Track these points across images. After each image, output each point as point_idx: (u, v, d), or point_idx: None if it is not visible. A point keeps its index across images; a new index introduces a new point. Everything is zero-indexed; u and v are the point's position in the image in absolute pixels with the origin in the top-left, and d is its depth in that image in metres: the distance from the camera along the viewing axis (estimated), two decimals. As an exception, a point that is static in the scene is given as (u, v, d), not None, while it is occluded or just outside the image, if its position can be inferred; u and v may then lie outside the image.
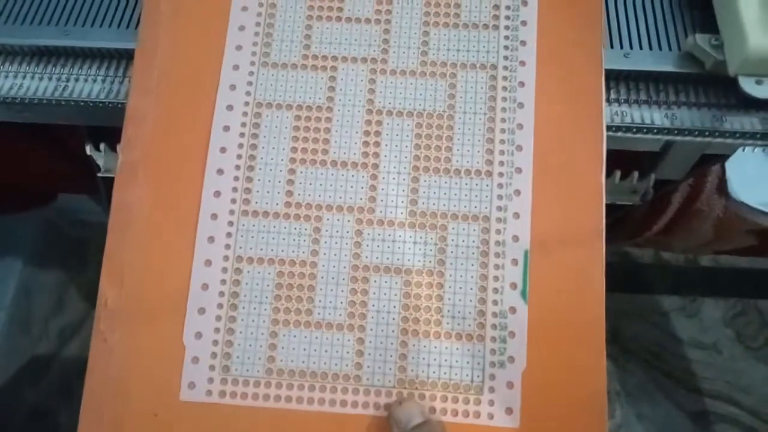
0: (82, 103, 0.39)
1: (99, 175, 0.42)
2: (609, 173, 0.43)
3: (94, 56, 0.40)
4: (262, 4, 0.37)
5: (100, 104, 0.39)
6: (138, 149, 0.35)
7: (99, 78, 0.40)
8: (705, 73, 0.37)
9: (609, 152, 0.40)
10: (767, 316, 1.02)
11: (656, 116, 0.37)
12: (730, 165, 0.38)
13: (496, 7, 0.36)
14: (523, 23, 0.36)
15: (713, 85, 0.38)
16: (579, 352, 0.31)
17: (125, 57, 0.39)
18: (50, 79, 0.40)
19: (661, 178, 0.44)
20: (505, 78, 0.35)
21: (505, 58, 0.35)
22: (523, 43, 0.35)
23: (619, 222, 0.77)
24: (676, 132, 0.37)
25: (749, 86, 0.35)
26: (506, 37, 0.36)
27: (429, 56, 0.36)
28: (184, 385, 0.31)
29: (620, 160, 0.44)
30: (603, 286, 0.32)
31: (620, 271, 1.04)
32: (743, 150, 0.37)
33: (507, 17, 0.36)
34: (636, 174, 0.42)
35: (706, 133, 0.37)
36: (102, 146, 0.42)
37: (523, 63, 0.35)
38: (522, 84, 0.35)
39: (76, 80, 0.40)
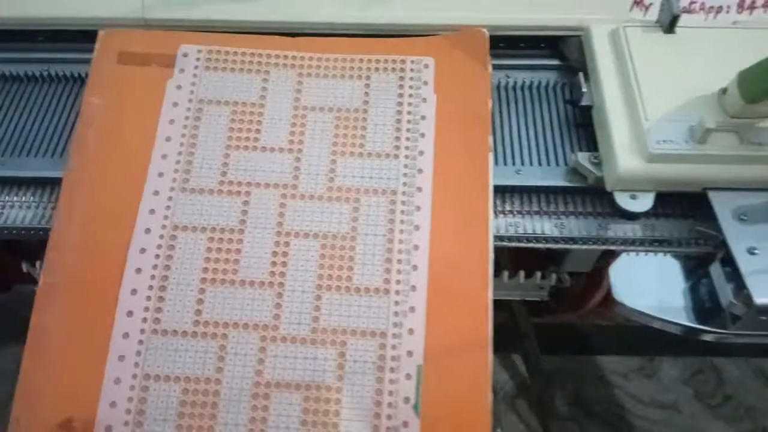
0: (15, 231, 0.41)
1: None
2: (513, 274, 0.46)
3: (28, 184, 0.43)
4: (184, 135, 0.40)
5: (32, 230, 0.41)
6: (58, 273, 0.37)
7: (33, 205, 0.42)
8: (589, 186, 0.41)
9: (519, 252, 0.43)
10: (724, 373, 1.04)
11: (546, 226, 0.40)
12: (614, 270, 0.40)
13: (398, 138, 0.40)
14: (421, 153, 0.39)
15: (598, 196, 0.41)
16: None
17: (57, 184, 0.42)
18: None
19: (570, 271, 0.47)
20: (403, 202, 0.38)
21: (404, 184, 0.39)
22: (420, 170, 0.39)
23: (560, 297, 0.79)
24: (564, 241, 0.40)
25: (624, 201, 0.39)
26: (405, 165, 0.39)
27: (335, 182, 0.39)
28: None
29: (532, 259, 0.47)
30: (490, 392, 0.34)
31: (579, 333, 1.06)
32: (627, 255, 0.40)
33: (407, 147, 0.40)
34: (538, 274, 0.45)
35: (592, 242, 0.40)
36: (37, 263, 0.45)
37: (419, 189, 0.38)
38: (418, 208, 0.38)
39: (11, 207, 0.42)
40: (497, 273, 0.46)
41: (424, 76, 0.41)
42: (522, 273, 0.45)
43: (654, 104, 0.40)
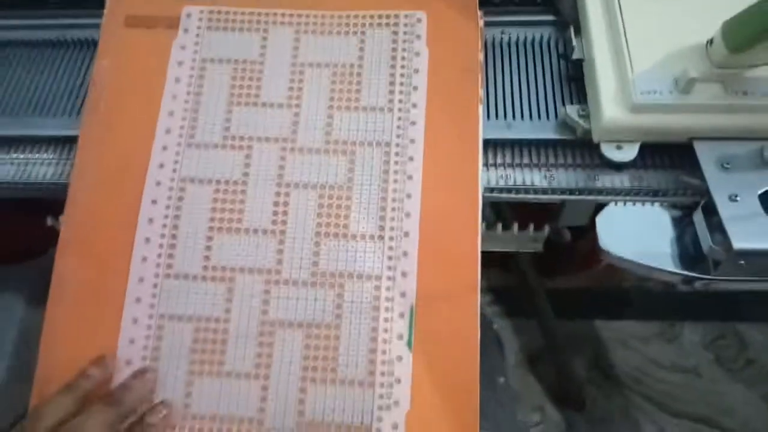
0: (36, 186, 0.44)
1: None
2: (508, 226, 0.48)
3: (48, 142, 0.46)
4: (189, 92, 0.42)
5: (54, 185, 0.44)
6: (77, 225, 0.40)
7: (53, 161, 0.45)
8: (577, 139, 0.42)
9: (517, 206, 0.45)
10: (746, 338, 1.04)
11: (536, 178, 0.42)
12: (600, 220, 0.41)
13: (392, 92, 0.42)
14: (414, 105, 0.41)
15: (587, 149, 0.43)
16: (456, 395, 0.36)
17: (74, 142, 0.44)
18: (11, 164, 0.45)
19: (567, 225, 0.49)
20: (397, 153, 0.40)
21: (398, 136, 0.41)
22: (413, 123, 0.41)
23: (567, 258, 0.81)
24: (552, 192, 0.42)
25: (610, 152, 0.41)
26: (399, 118, 0.41)
27: (332, 135, 0.41)
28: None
29: (529, 211, 0.49)
30: (477, 332, 0.37)
31: (600, 297, 1.07)
32: (615, 204, 0.42)
33: (400, 100, 0.41)
34: (531, 226, 0.47)
35: (579, 192, 0.41)
36: (60, 218, 0.48)
37: (412, 140, 0.40)
38: (411, 158, 0.40)
39: (33, 164, 0.45)
40: (492, 226, 0.48)
41: (417, 30, 0.43)
42: (516, 225, 0.47)
43: (641, 56, 0.40)
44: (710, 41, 0.39)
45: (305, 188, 0.40)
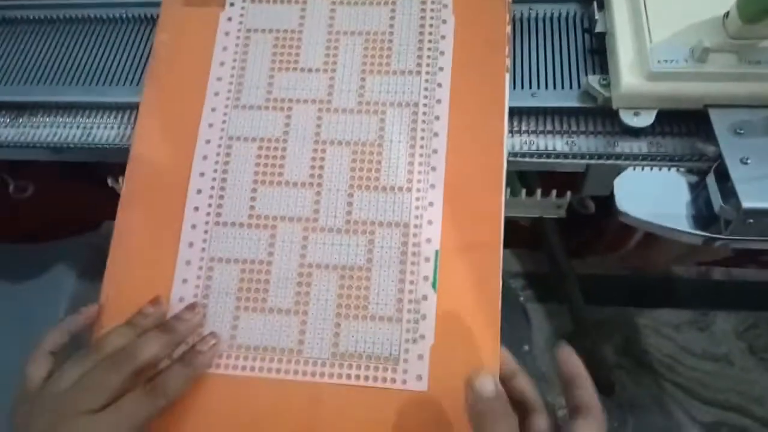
0: (101, 147, 0.49)
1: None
2: (531, 192, 0.51)
3: (111, 108, 0.51)
4: (235, 60, 0.47)
5: (116, 147, 0.49)
6: (137, 180, 0.44)
7: (115, 125, 0.50)
8: (598, 107, 0.45)
9: (543, 173, 0.48)
10: None
11: (558, 144, 0.45)
12: (618, 182, 0.44)
13: (420, 57, 0.45)
14: (440, 69, 0.45)
15: (608, 116, 0.45)
16: (477, 333, 0.39)
17: (135, 108, 0.49)
18: (78, 127, 0.51)
19: (591, 194, 0.51)
20: (424, 113, 0.44)
21: (425, 97, 0.44)
22: (440, 85, 0.44)
23: (597, 236, 0.83)
24: (573, 156, 0.44)
25: (628, 118, 0.43)
26: (426, 81, 0.44)
27: (365, 97, 0.45)
28: (165, 357, 0.40)
29: (555, 181, 0.52)
30: (499, 280, 0.40)
31: (633, 285, 1.08)
32: (633, 170, 0.44)
33: (428, 64, 0.45)
34: (554, 192, 0.50)
35: (598, 157, 0.44)
36: (120, 179, 0.53)
37: (439, 101, 0.44)
38: (437, 117, 0.43)
39: (98, 128, 0.50)
40: (516, 192, 0.50)
41: (444, 0, 0.46)
42: (539, 191, 0.50)
43: (660, 27, 0.43)
44: (726, 14, 0.41)
45: (339, 145, 0.44)
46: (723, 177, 0.40)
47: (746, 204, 0.37)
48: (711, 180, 0.41)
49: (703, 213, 0.42)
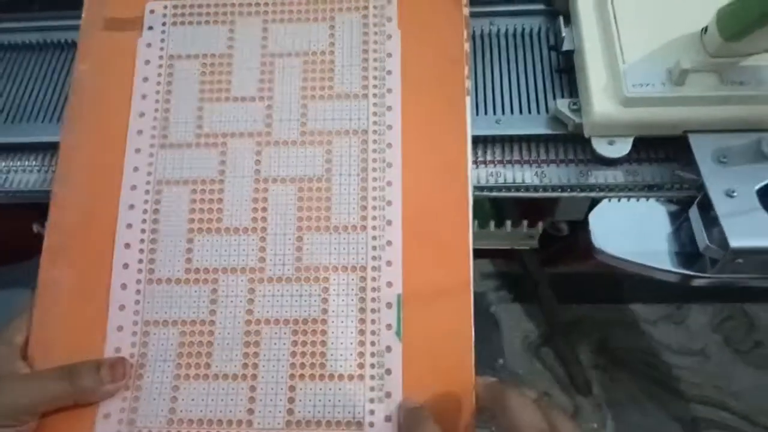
0: (19, 195, 0.44)
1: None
2: (500, 223, 0.47)
3: (31, 149, 0.45)
4: (158, 91, 0.41)
5: (36, 193, 0.43)
6: (59, 232, 0.39)
7: (35, 169, 0.45)
8: (569, 134, 0.41)
9: (511, 202, 0.43)
10: (755, 319, 1.03)
11: (527, 175, 0.41)
12: (593, 217, 0.40)
13: (365, 77, 0.41)
14: (389, 90, 0.40)
15: (579, 143, 0.41)
16: (450, 387, 0.35)
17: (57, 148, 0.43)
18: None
19: (563, 219, 0.47)
20: (374, 141, 0.39)
21: (374, 123, 0.40)
22: (390, 108, 0.40)
23: (568, 250, 0.80)
24: (544, 189, 0.40)
25: (602, 147, 0.39)
26: (374, 104, 0.40)
27: (307, 126, 0.40)
28: (97, 441, 0.35)
29: (524, 207, 0.48)
30: (471, 326, 0.36)
31: (607, 281, 1.06)
32: (609, 201, 0.40)
33: (374, 86, 0.40)
34: (525, 222, 0.46)
35: (571, 189, 0.40)
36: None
37: (390, 126, 0.40)
38: (389, 145, 0.39)
39: (15, 172, 0.45)
40: (485, 224, 0.46)
41: (387, 12, 0.42)
42: (508, 223, 0.46)
43: (633, 46, 0.39)
44: (705, 29, 0.37)
45: (283, 182, 0.39)
46: (707, 211, 0.36)
47: (734, 243, 0.34)
48: (694, 215, 0.37)
49: (686, 248, 0.38)
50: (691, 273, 0.37)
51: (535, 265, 0.93)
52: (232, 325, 0.37)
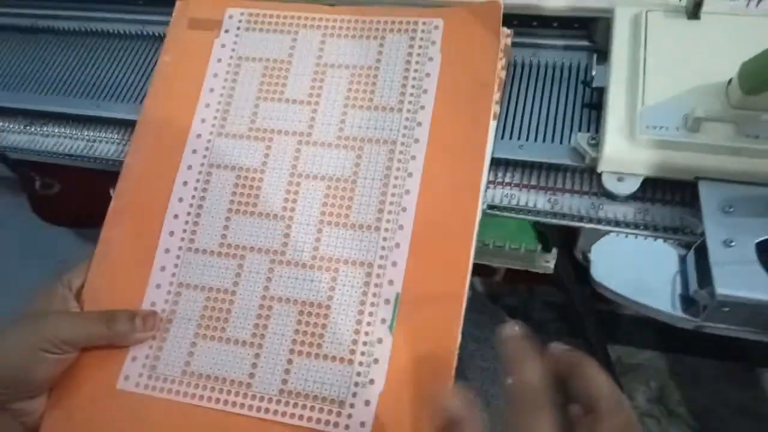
0: (102, 160, 0.52)
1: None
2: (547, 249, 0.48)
3: (115, 124, 0.52)
4: (224, 87, 0.47)
5: (114, 161, 0.51)
6: (124, 198, 0.46)
7: (115, 141, 0.52)
8: (586, 166, 0.42)
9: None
10: None
11: (540, 200, 0.43)
12: (596, 250, 0.40)
13: (402, 93, 0.44)
14: (422, 107, 0.44)
15: (596, 177, 0.42)
16: (430, 382, 0.38)
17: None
18: (83, 140, 0.53)
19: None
20: (401, 152, 0.43)
21: (403, 135, 0.43)
22: (420, 123, 0.43)
23: None
24: (553, 216, 0.42)
25: (611, 183, 0.40)
26: (407, 119, 0.44)
27: (344, 131, 0.44)
28: (121, 378, 0.41)
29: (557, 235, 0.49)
30: (458, 333, 0.38)
31: (675, 331, 1.03)
32: (617, 236, 0.41)
33: (409, 102, 0.44)
34: (539, 246, 0.48)
35: (579, 219, 0.41)
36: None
37: (417, 140, 0.43)
38: (413, 157, 0.43)
39: (101, 142, 0.52)
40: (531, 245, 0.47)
41: (433, 37, 0.45)
42: (523, 245, 0.47)
43: (655, 90, 0.40)
44: (730, 81, 0.38)
45: (315, 179, 0.44)
46: (703, 257, 0.36)
47: (721, 291, 0.34)
48: (690, 259, 0.38)
49: (683, 292, 0.38)
50: (682, 316, 0.37)
51: (582, 298, 0.92)
52: (249, 298, 0.42)
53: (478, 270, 0.42)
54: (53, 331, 0.39)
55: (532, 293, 1.15)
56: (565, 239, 0.48)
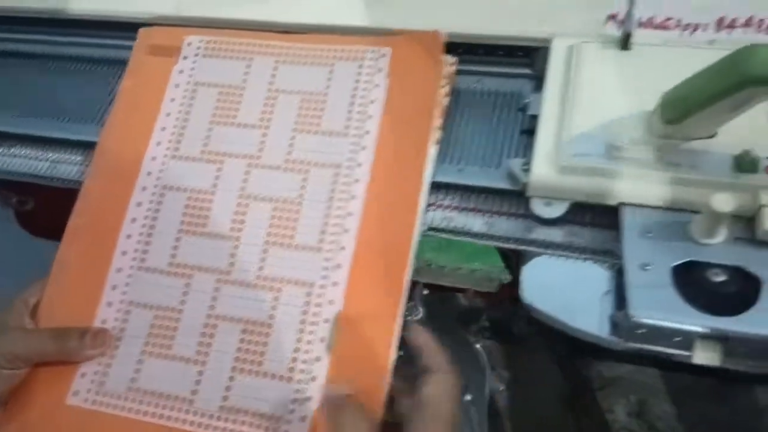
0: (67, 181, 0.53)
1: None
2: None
3: (77, 146, 0.54)
4: (180, 111, 0.49)
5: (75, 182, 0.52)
6: (81, 218, 0.47)
7: (78, 163, 0.53)
8: (520, 190, 0.43)
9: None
10: None
11: (477, 223, 0.44)
12: (525, 271, 0.41)
13: (349, 119, 0.46)
14: (366, 132, 0.45)
15: (528, 200, 0.43)
16: (364, 400, 0.39)
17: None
18: (45, 161, 0.54)
19: None
20: (345, 175, 0.44)
21: (348, 159, 0.45)
22: (364, 148, 0.45)
23: None
24: (489, 238, 0.43)
25: (539, 207, 0.42)
26: (352, 143, 0.45)
27: (292, 155, 0.46)
28: (71, 394, 0.42)
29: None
30: (390, 353, 0.39)
31: None
32: (549, 258, 0.42)
33: (355, 127, 0.46)
34: (497, 267, 0.49)
35: (512, 242, 0.43)
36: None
37: (360, 164, 0.45)
38: (357, 180, 0.44)
39: (62, 164, 0.54)
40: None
41: (380, 64, 0.47)
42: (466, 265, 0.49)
43: (583, 119, 0.41)
44: (654, 110, 0.40)
45: (262, 201, 0.45)
46: (622, 280, 0.37)
47: (634, 313, 0.35)
48: (612, 282, 0.39)
49: (608, 313, 0.38)
50: (609, 337, 0.38)
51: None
52: (195, 316, 0.43)
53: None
54: (7, 347, 0.41)
55: (515, 307, 1.16)
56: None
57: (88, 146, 0.54)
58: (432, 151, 0.44)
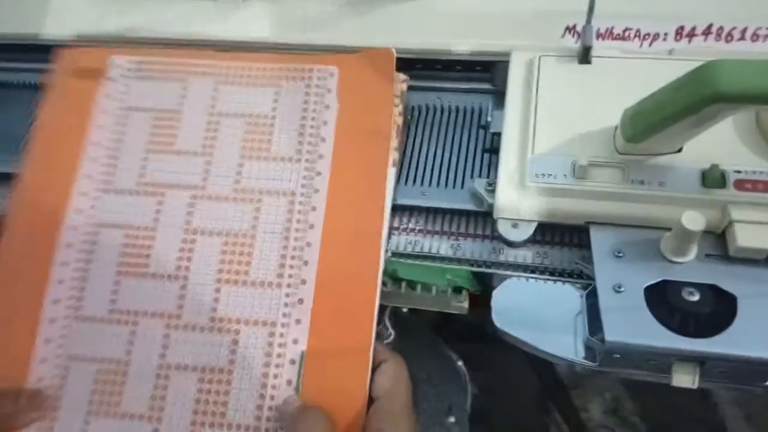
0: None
1: None
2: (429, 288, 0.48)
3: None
4: (110, 139, 0.44)
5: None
6: (7, 257, 0.42)
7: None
8: (486, 211, 0.42)
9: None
10: None
11: (443, 246, 0.42)
12: (496, 294, 0.40)
13: (300, 142, 0.43)
14: (320, 156, 0.43)
15: (494, 221, 0.41)
16: None
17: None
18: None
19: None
20: (301, 203, 0.42)
21: (303, 186, 0.42)
22: (319, 173, 0.42)
23: None
24: (457, 261, 0.42)
25: (505, 229, 0.40)
26: (306, 168, 0.43)
27: (241, 184, 0.43)
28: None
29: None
30: (365, 389, 0.37)
31: None
32: (518, 280, 0.40)
33: (308, 151, 0.43)
34: (449, 289, 0.47)
35: (480, 264, 0.41)
36: None
37: (317, 190, 0.42)
38: (314, 208, 0.41)
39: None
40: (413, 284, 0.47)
41: (329, 84, 0.44)
42: (435, 288, 0.47)
43: (546, 137, 0.40)
44: (617, 127, 0.39)
45: (210, 235, 0.42)
46: (594, 303, 0.36)
47: (610, 338, 0.34)
48: (583, 305, 0.38)
49: (581, 336, 0.37)
50: (582, 361, 0.37)
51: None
52: (144, 367, 0.39)
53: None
54: None
55: (487, 309, 1.15)
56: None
57: (10, 178, 0.48)
58: (391, 172, 0.42)
